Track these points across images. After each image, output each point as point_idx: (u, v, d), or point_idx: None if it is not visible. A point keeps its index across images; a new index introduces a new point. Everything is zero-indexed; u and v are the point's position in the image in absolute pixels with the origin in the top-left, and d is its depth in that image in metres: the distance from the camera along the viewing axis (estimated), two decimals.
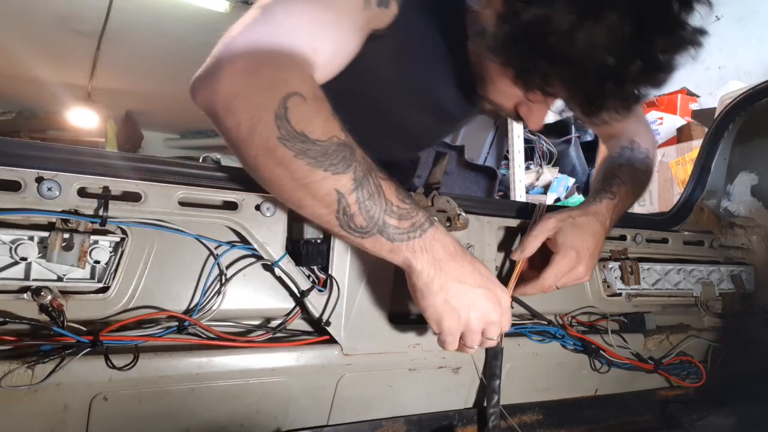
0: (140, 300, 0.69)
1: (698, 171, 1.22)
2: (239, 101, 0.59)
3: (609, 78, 0.62)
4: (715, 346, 1.15)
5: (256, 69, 0.60)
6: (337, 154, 0.59)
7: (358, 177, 0.60)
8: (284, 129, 0.58)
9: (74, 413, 0.65)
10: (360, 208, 0.60)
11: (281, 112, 0.57)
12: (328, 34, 0.68)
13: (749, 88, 1.15)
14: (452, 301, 0.66)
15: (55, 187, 0.61)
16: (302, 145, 0.58)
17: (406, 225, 0.63)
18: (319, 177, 0.59)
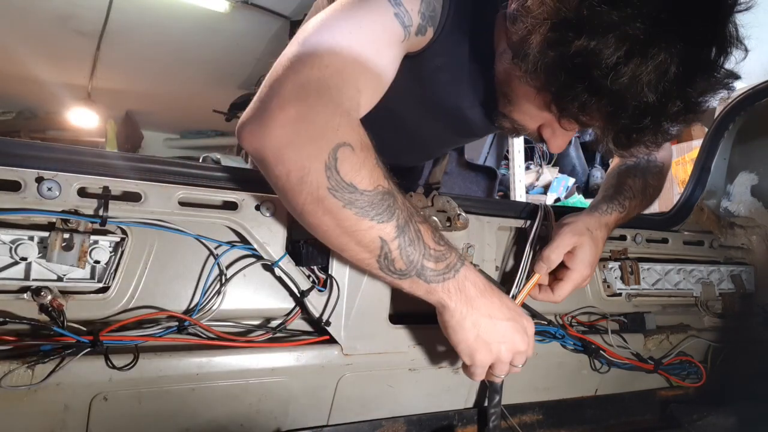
0: (140, 300, 0.69)
1: (698, 171, 1.22)
2: (290, 151, 0.59)
3: (648, 115, 0.63)
4: (715, 346, 1.15)
5: (307, 117, 0.60)
6: (383, 204, 0.62)
7: (400, 224, 0.63)
8: (333, 180, 0.59)
9: (74, 413, 0.65)
10: (401, 253, 0.64)
11: (331, 163, 0.59)
12: (372, 72, 0.69)
13: (749, 88, 1.15)
14: (484, 336, 0.71)
15: (55, 187, 0.61)
16: (350, 196, 0.60)
17: (442, 267, 0.67)
18: (365, 226, 0.61)
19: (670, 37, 0.59)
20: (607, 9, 0.59)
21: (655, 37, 0.59)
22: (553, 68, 0.65)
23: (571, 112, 0.68)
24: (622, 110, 0.63)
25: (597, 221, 0.90)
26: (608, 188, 0.99)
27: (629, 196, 0.96)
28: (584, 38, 0.60)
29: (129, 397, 0.67)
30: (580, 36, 0.61)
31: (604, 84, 0.61)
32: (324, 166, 0.59)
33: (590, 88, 0.63)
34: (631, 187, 0.98)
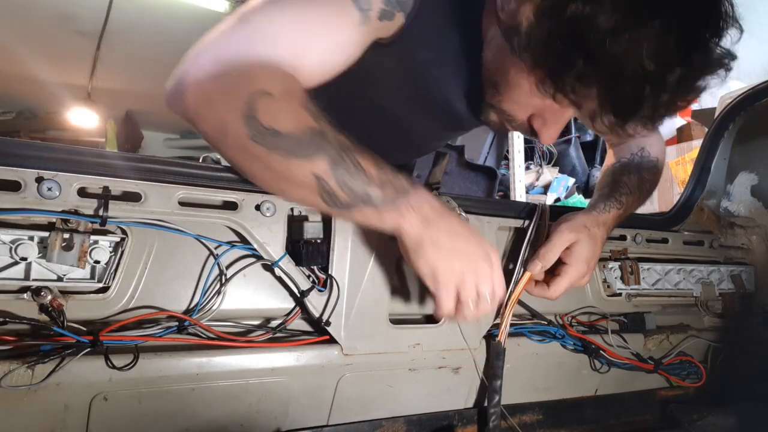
0: (140, 300, 0.69)
1: (698, 171, 1.22)
2: (207, 107, 0.61)
3: (647, 84, 0.61)
4: (715, 346, 1.15)
5: (222, 73, 0.61)
6: (310, 142, 0.62)
7: (333, 158, 0.62)
8: (254, 128, 0.60)
9: (74, 413, 0.65)
10: (341, 186, 0.63)
11: (249, 112, 0.60)
12: (314, 45, 0.69)
13: (749, 88, 1.15)
14: (445, 254, 0.68)
15: (55, 187, 0.61)
16: (273, 140, 0.60)
17: (389, 192, 0.65)
18: (294, 166, 0.62)
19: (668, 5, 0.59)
20: None
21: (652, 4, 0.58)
22: (548, 38, 0.63)
23: (567, 84, 0.65)
24: (621, 79, 0.61)
25: (594, 219, 0.90)
26: (604, 187, 0.98)
27: (626, 193, 0.96)
28: (578, 3, 0.59)
29: (129, 397, 0.67)
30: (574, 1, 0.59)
31: (601, 50, 0.59)
32: (241, 115, 0.60)
33: (587, 56, 0.61)
34: (626, 183, 0.97)
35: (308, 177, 0.62)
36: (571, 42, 0.61)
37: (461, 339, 0.88)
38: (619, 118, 0.66)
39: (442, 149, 2.55)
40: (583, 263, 0.86)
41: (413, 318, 0.90)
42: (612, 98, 0.64)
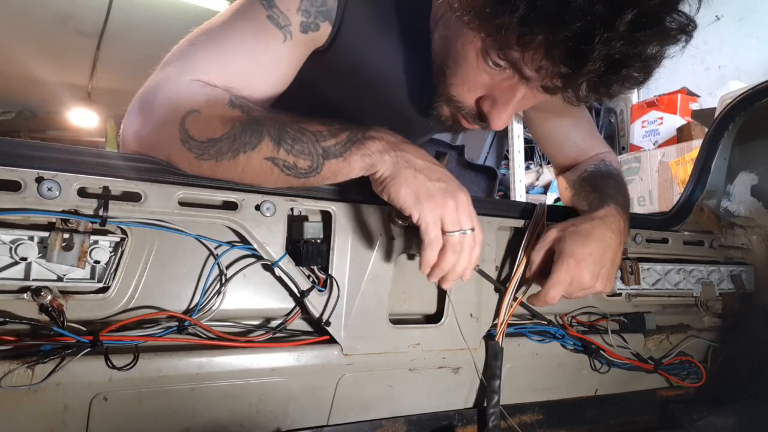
0: (140, 300, 0.69)
1: (698, 171, 1.22)
2: (154, 147, 0.66)
3: (596, 27, 0.56)
4: (715, 346, 1.15)
5: (150, 111, 0.65)
6: (246, 131, 0.63)
7: (274, 136, 0.63)
8: (195, 148, 0.63)
9: (74, 413, 0.65)
10: (294, 155, 0.64)
11: (185, 136, 0.63)
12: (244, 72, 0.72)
13: (749, 88, 1.15)
14: (422, 174, 0.67)
15: (55, 187, 0.61)
16: (215, 149, 0.62)
17: (344, 136, 0.65)
18: (243, 161, 0.63)
19: None
20: None
21: None
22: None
23: (512, 35, 0.60)
24: (567, 21, 0.56)
25: (585, 217, 0.85)
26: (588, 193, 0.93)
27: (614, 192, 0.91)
28: None
29: (129, 397, 0.67)
30: None
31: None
32: (180, 144, 0.62)
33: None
34: (608, 186, 0.93)
35: (263, 163, 0.63)
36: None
37: (461, 339, 0.88)
38: (569, 67, 0.60)
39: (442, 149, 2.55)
40: (570, 258, 0.79)
41: (413, 318, 0.90)
42: (559, 44, 0.59)
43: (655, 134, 2.91)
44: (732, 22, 2.93)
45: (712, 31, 3.02)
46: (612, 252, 0.83)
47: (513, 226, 0.95)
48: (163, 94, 0.66)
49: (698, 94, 2.91)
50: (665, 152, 2.58)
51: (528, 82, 0.68)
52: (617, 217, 0.86)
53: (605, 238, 0.82)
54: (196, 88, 0.67)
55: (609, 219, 0.85)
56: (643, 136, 2.97)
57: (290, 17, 0.74)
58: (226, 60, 0.71)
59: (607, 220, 0.84)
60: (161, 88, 0.67)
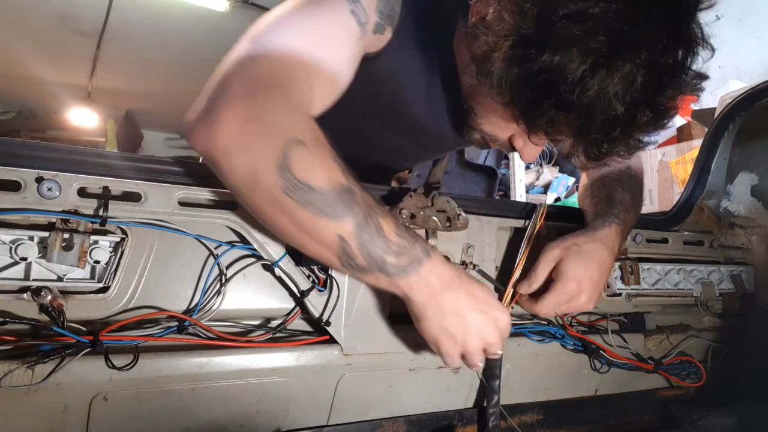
0: (140, 300, 0.69)
1: (698, 171, 1.22)
2: (240, 151, 0.58)
3: (617, 126, 0.62)
4: (715, 346, 1.15)
5: (256, 115, 0.58)
6: (340, 201, 0.60)
7: (359, 221, 0.61)
8: (287, 179, 0.58)
9: (74, 413, 0.65)
10: (361, 250, 0.62)
11: (284, 162, 0.57)
12: (325, 70, 0.68)
13: (749, 88, 1.15)
14: (448, 329, 0.70)
15: (55, 187, 0.61)
16: (306, 195, 0.58)
17: (404, 261, 0.65)
18: (323, 225, 0.60)
19: (634, 47, 0.58)
20: (567, 24, 0.57)
21: (619, 49, 0.58)
22: (518, 84, 0.63)
23: (540, 127, 0.66)
24: (591, 124, 0.62)
25: (589, 237, 0.86)
26: (598, 203, 0.95)
27: (623, 210, 0.92)
28: (547, 54, 0.58)
29: (129, 397, 0.67)
30: (543, 52, 0.59)
31: (571, 99, 0.59)
32: (276, 165, 0.57)
33: (557, 103, 0.61)
34: (622, 200, 0.94)
35: (333, 238, 0.61)
36: (541, 90, 0.61)
37: None
38: (590, 157, 0.67)
39: None
40: (571, 280, 0.82)
41: None
42: (584, 141, 0.65)
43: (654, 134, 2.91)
44: (732, 22, 2.93)
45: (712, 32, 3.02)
46: (606, 274, 0.87)
47: (513, 226, 0.95)
48: (273, 93, 0.60)
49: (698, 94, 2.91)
50: (665, 152, 2.58)
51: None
52: (615, 240, 0.88)
53: (603, 261, 0.85)
54: (303, 112, 0.63)
55: (608, 241, 0.87)
56: None
57: (369, 15, 0.73)
58: (316, 52, 0.66)
59: (607, 242, 0.87)
60: (270, 81, 0.61)
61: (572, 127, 0.64)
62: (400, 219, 0.79)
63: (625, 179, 1.00)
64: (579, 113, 0.61)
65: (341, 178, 0.61)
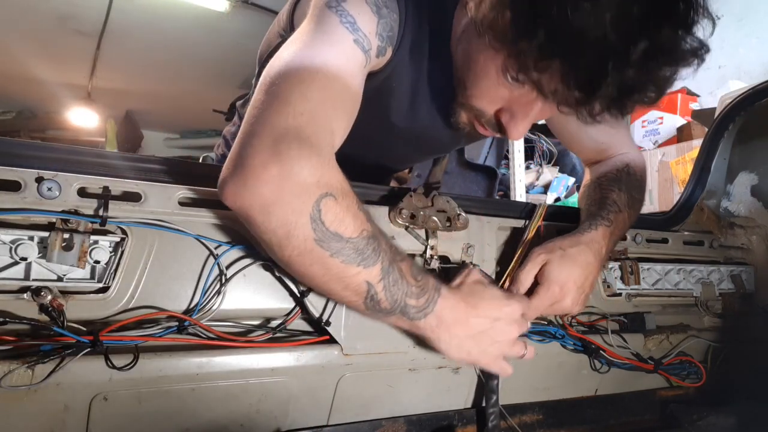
0: (140, 300, 0.69)
1: (698, 171, 1.22)
2: (276, 208, 0.60)
3: (610, 57, 0.60)
4: (715, 346, 1.15)
5: (290, 174, 0.60)
6: (368, 248, 0.64)
7: (385, 267, 0.65)
8: (319, 231, 0.61)
9: (74, 413, 0.65)
10: (386, 294, 0.66)
11: (316, 215, 0.61)
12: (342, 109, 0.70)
13: (749, 88, 1.15)
14: (475, 351, 0.74)
15: (55, 187, 0.61)
16: (337, 245, 0.62)
17: (422, 302, 0.69)
18: (353, 272, 0.63)
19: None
20: None
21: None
22: (510, 13, 0.64)
23: (530, 59, 0.65)
24: (583, 52, 0.60)
25: (574, 240, 0.86)
26: (591, 204, 0.95)
27: (615, 210, 0.92)
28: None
29: (129, 397, 0.67)
30: None
31: (564, 20, 0.59)
32: (309, 219, 0.60)
33: (547, 28, 0.60)
34: (615, 201, 0.93)
35: (361, 284, 0.64)
36: (533, 14, 0.61)
37: None
38: (583, 93, 0.64)
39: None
40: (555, 284, 0.82)
41: None
42: (574, 71, 0.63)
43: (655, 134, 2.91)
44: (732, 22, 2.93)
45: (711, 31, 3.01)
46: (592, 277, 0.86)
47: (513, 226, 0.95)
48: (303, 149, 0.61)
49: (698, 94, 2.91)
50: (665, 152, 2.58)
51: (545, 98, 0.70)
52: (602, 242, 0.88)
53: (588, 264, 0.85)
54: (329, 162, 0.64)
55: (594, 245, 0.87)
56: (644, 135, 2.97)
57: (371, 41, 0.74)
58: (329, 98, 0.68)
59: (592, 245, 0.86)
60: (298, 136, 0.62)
61: (563, 56, 0.62)
62: (401, 218, 0.79)
63: (623, 178, 0.99)
64: (570, 38, 0.60)
65: (368, 226, 0.64)
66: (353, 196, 0.65)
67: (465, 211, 0.84)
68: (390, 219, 0.79)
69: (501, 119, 0.79)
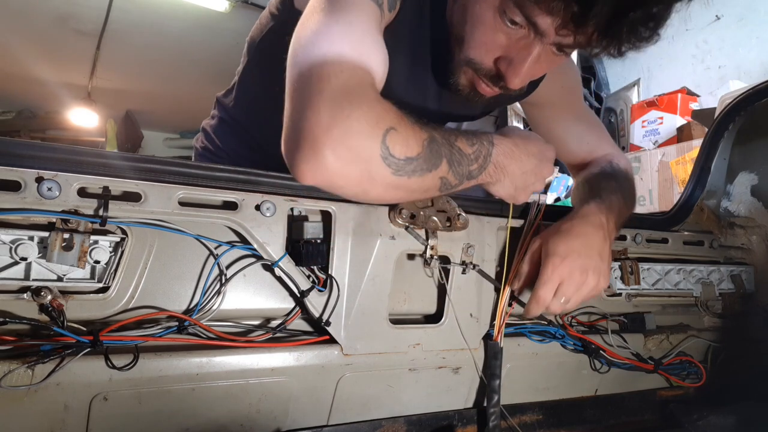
0: (140, 300, 0.69)
1: (698, 171, 1.22)
2: (351, 166, 0.64)
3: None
4: (715, 346, 1.15)
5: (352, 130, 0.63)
6: (432, 153, 0.68)
7: (449, 157, 0.70)
8: (394, 164, 0.65)
9: (74, 413, 0.65)
10: (455, 176, 0.72)
11: (386, 153, 0.65)
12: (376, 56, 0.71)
13: (749, 88, 1.15)
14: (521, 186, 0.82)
15: (55, 187, 0.61)
16: (411, 166, 0.66)
17: (481, 161, 0.75)
18: (429, 178, 0.69)
19: None
20: None
21: None
22: None
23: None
24: None
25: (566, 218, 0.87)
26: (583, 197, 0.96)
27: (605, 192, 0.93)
28: None
29: (129, 397, 0.67)
30: None
31: None
32: (381, 159, 0.64)
33: None
34: (605, 187, 0.95)
35: (436, 181, 0.70)
36: None
37: (461, 339, 0.88)
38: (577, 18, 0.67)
39: None
40: (555, 256, 0.80)
41: (413, 318, 0.90)
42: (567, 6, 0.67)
43: (655, 134, 2.91)
44: (732, 22, 2.93)
45: (712, 31, 3.02)
46: (597, 246, 0.84)
47: (513, 226, 0.95)
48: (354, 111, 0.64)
49: (698, 94, 2.91)
50: (665, 152, 2.58)
51: (542, 39, 0.73)
52: (598, 215, 0.87)
53: (586, 234, 0.84)
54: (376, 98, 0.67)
55: (590, 217, 0.86)
56: (644, 135, 2.97)
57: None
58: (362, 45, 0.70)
59: (589, 218, 0.86)
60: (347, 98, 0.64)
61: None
62: (400, 218, 0.79)
63: (608, 171, 1.02)
64: None
65: (424, 134, 0.68)
66: (403, 115, 0.68)
67: (465, 211, 0.85)
68: (390, 219, 0.79)
69: (500, 68, 0.81)
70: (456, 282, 0.86)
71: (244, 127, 1.21)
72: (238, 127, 1.22)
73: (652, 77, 3.38)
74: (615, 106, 3.40)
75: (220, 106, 1.28)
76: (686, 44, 3.14)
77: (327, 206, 0.76)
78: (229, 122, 1.24)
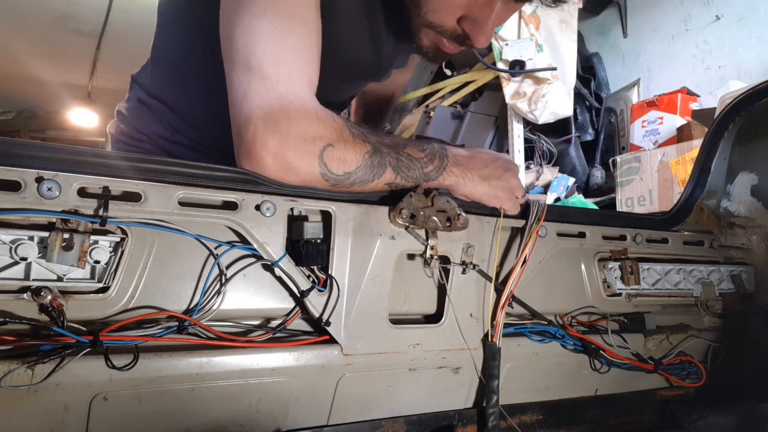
0: (140, 300, 0.69)
1: (698, 171, 1.22)
2: (292, 174, 0.71)
3: None
4: (715, 346, 1.15)
5: (287, 143, 0.69)
6: (374, 163, 0.73)
7: (394, 165, 0.75)
8: (333, 179, 0.71)
9: (74, 413, 0.65)
10: (406, 179, 0.77)
11: (324, 169, 0.71)
12: (309, 53, 0.75)
13: (749, 88, 1.15)
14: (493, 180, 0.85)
15: (55, 187, 0.61)
16: (351, 178, 0.72)
17: (437, 162, 0.79)
18: (372, 186, 0.75)
19: None
20: None
21: None
22: None
23: None
24: None
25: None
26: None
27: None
28: None
29: (129, 397, 0.67)
30: None
31: None
32: (320, 174, 0.70)
33: None
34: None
35: (383, 186, 0.76)
36: None
37: (461, 339, 0.88)
38: None
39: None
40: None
41: (413, 318, 0.90)
42: None
43: (655, 134, 2.91)
44: (732, 22, 2.92)
45: (712, 31, 3.02)
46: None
47: (513, 226, 0.95)
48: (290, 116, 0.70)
49: (698, 94, 2.91)
50: (665, 152, 2.58)
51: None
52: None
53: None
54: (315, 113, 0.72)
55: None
56: (643, 135, 2.97)
57: None
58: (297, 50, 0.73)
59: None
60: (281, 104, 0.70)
61: None
62: (400, 218, 0.79)
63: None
64: None
65: (367, 145, 0.73)
66: (345, 128, 0.72)
67: (465, 211, 0.84)
68: (390, 219, 0.79)
69: (464, 28, 0.82)
70: (456, 282, 0.86)
71: (165, 105, 1.12)
72: (159, 106, 1.13)
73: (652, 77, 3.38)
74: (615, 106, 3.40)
75: (136, 86, 1.19)
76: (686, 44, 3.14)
77: (327, 206, 0.76)
78: (147, 102, 1.15)
